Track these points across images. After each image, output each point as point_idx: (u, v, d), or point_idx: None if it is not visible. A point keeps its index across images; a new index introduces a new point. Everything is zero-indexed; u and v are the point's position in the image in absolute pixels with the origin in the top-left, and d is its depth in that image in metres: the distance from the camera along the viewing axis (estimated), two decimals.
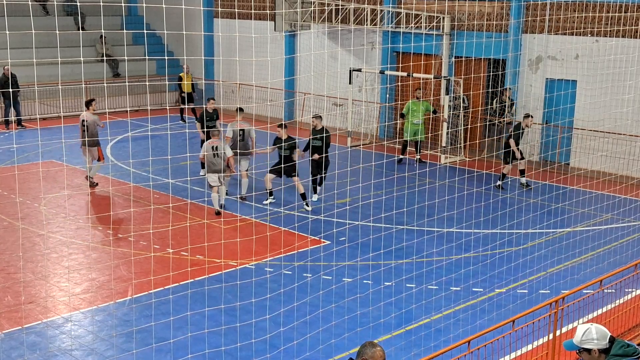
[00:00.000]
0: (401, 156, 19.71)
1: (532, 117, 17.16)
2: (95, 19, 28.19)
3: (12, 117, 22.76)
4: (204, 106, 18.04)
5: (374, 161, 18.99)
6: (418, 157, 19.72)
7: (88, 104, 16.83)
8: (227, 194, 15.52)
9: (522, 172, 17.39)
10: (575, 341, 5.48)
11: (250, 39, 23.25)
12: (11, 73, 22.48)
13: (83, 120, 16.49)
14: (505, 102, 19.79)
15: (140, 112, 25.34)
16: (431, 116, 19.76)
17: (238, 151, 15.25)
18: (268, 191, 15.58)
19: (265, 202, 15.43)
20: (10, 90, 21.48)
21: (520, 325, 8.24)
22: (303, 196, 15.30)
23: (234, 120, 16.24)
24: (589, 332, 5.43)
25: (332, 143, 17.51)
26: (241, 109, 16.65)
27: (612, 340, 5.43)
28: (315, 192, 16.01)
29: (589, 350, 5.41)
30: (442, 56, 21.45)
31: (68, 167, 18.47)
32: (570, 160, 19.14)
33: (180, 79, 24.49)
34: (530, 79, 20.22)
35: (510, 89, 19.96)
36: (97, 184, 17.01)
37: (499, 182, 17.17)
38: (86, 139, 16.36)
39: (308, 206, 15.23)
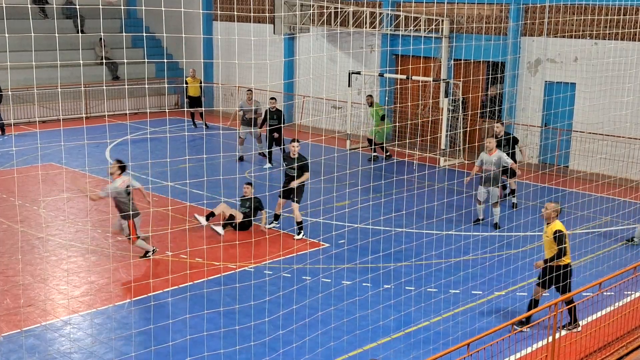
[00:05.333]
0: (374, 154, 20.15)
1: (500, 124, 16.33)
2: (95, 22, 28.15)
3: None
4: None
5: (373, 164, 19.03)
6: (374, 154, 20.16)
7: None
8: None
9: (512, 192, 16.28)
10: None
11: (250, 41, 23.28)
12: None
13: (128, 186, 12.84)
14: None
15: (139, 115, 25.36)
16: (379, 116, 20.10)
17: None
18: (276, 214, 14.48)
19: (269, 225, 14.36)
20: None
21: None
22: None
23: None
24: None
25: (332, 145, 17.60)
26: (250, 90, 19.85)
27: None
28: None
29: None
30: (442, 59, 21.47)
31: (67, 170, 18.46)
32: (569, 163, 19.17)
33: (186, 82, 24.45)
34: (529, 82, 20.23)
35: None
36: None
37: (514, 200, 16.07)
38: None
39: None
